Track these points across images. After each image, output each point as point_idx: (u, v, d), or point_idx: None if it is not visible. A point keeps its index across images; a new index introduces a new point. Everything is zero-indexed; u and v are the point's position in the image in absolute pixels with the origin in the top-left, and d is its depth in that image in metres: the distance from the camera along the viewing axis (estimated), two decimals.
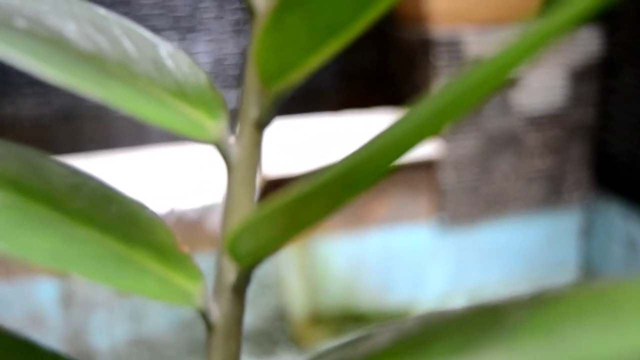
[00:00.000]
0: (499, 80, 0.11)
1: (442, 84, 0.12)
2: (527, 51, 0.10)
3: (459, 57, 0.90)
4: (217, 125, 0.15)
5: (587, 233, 0.95)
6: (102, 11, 0.17)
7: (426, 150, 0.91)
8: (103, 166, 0.70)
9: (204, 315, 0.15)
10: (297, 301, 0.92)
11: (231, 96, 1.01)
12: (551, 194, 0.94)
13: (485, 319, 0.12)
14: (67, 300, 0.86)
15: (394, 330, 0.15)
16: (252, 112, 0.15)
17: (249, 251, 0.14)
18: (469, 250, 0.95)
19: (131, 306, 0.91)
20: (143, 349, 0.91)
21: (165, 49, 0.16)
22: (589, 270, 0.96)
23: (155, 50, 0.16)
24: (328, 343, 0.96)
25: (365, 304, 0.93)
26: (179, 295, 0.15)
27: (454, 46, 0.88)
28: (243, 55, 1.05)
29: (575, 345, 0.11)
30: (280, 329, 0.93)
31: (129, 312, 0.90)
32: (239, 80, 0.87)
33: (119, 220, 0.15)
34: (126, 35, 0.16)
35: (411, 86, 0.96)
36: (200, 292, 0.15)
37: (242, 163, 0.15)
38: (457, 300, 0.96)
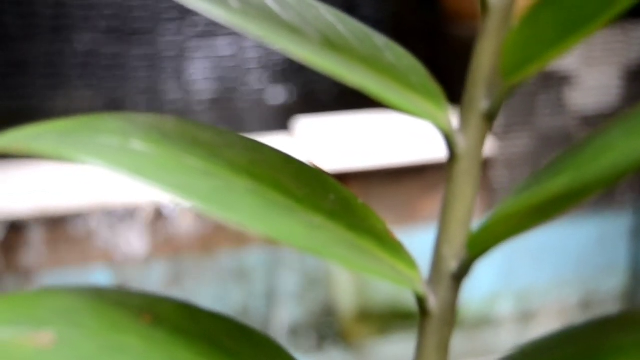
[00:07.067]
0: None
1: None
2: None
3: None
4: (444, 115, 0.15)
5: (638, 235, 0.94)
6: None
7: None
8: None
9: (421, 301, 0.16)
10: (346, 297, 0.93)
11: (271, 93, 1.01)
12: (603, 196, 0.93)
13: None
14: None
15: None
16: (482, 103, 0.15)
17: (481, 243, 0.14)
18: (518, 251, 0.95)
19: (181, 296, 0.92)
20: None
21: (380, 40, 0.16)
22: (639, 272, 0.95)
23: (372, 40, 0.16)
24: (375, 339, 0.96)
25: (414, 302, 0.93)
26: (404, 280, 0.15)
27: None
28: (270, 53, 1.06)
29: None
30: (329, 324, 0.93)
31: None
32: (274, 77, 0.86)
33: (338, 208, 0.15)
34: (341, 23, 0.16)
35: (462, 84, 0.95)
36: (419, 278, 0.16)
37: (468, 153, 0.15)
38: (505, 301, 0.96)
